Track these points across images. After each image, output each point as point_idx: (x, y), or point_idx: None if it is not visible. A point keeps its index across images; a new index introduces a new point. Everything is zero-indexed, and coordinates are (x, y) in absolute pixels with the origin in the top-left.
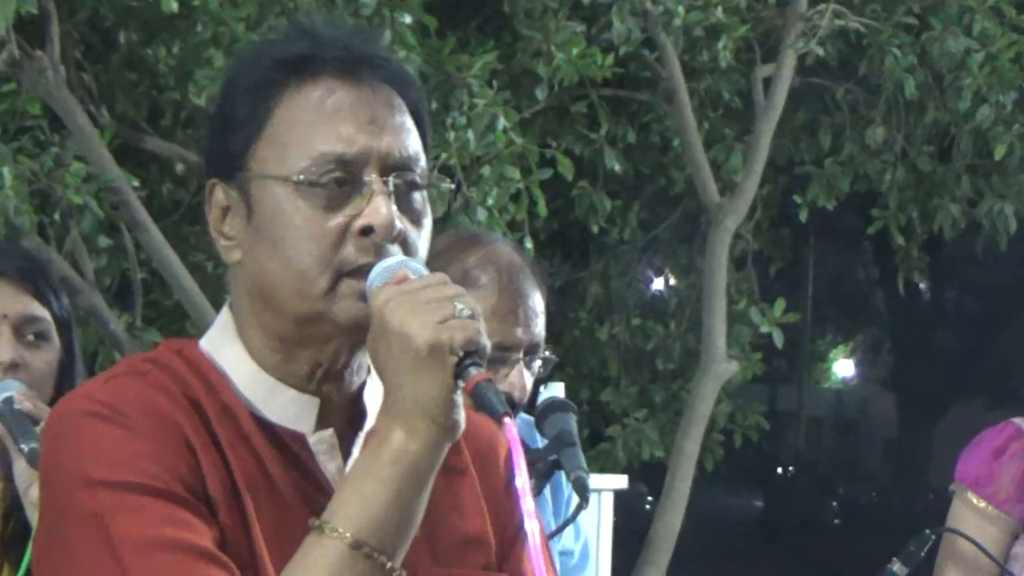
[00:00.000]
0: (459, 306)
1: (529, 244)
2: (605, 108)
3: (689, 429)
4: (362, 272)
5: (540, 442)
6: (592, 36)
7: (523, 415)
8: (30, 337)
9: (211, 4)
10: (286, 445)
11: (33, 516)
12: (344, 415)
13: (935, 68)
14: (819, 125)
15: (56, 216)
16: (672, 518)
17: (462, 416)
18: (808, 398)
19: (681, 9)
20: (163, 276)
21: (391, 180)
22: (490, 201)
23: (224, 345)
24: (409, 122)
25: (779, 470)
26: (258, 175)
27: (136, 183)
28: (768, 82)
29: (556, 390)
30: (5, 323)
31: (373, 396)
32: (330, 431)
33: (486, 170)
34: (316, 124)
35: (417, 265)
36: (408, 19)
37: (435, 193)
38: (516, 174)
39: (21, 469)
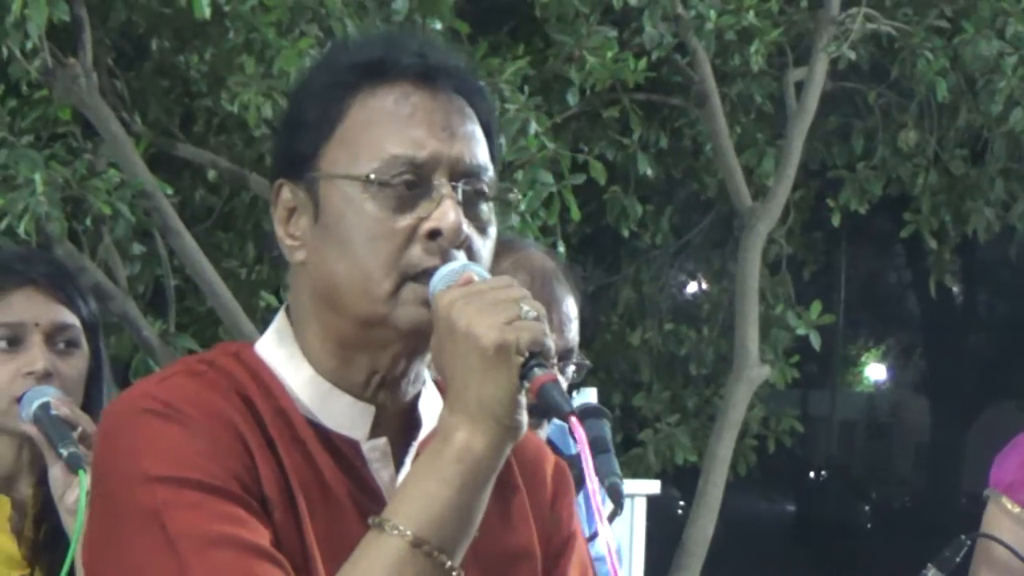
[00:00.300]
0: (525, 307)
1: (561, 248)
2: (637, 113)
3: (722, 434)
4: (427, 275)
5: (574, 448)
6: (624, 41)
7: (557, 421)
8: (61, 345)
9: (242, 10)
10: (340, 451)
11: (68, 522)
12: (398, 424)
13: (967, 71)
14: (851, 129)
15: (89, 223)
16: (705, 523)
17: (525, 418)
18: (840, 402)
19: (713, 13)
20: (196, 283)
21: (460, 186)
22: (522, 206)
23: (280, 349)
24: (480, 133)
25: (811, 474)
26: (328, 175)
27: (169, 190)
28: (800, 86)
29: (589, 395)
30: (37, 332)
31: (428, 407)
32: (384, 440)
33: (518, 175)
34: (389, 127)
35: (481, 270)
36: (440, 25)
37: (499, 205)
38: (549, 179)
39: (57, 474)
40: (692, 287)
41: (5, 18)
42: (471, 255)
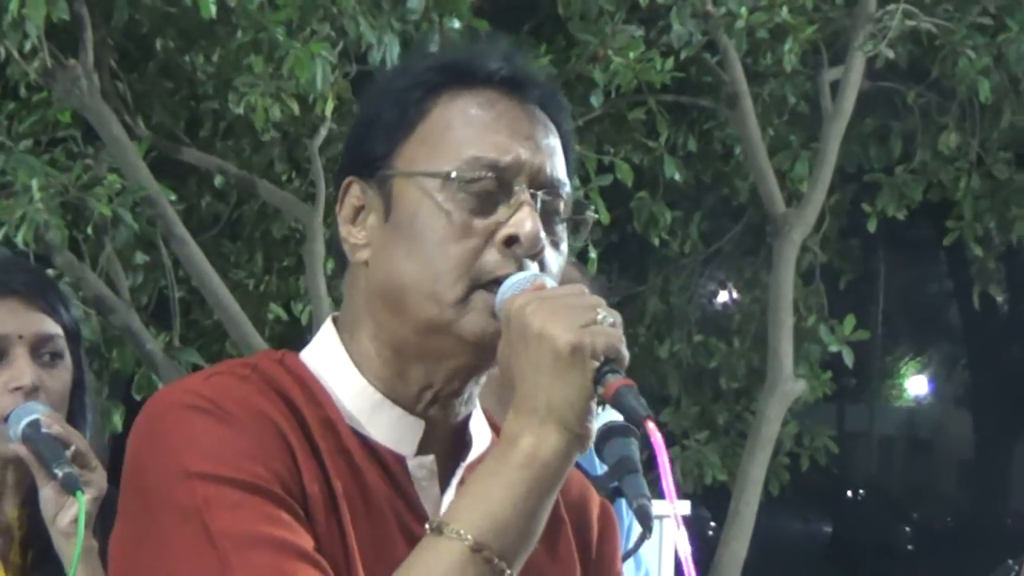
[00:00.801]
0: (602, 313)
1: (593, 254)
2: (664, 115)
3: (755, 452)
4: (498, 284)
5: (600, 468)
6: (650, 40)
7: None
8: (46, 357)
9: (250, 8)
10: (386, 465)
11: (61, 545)
12: (447, 443)
13: (1011, 71)
14: (889, 131)
15: (89, 231)
16: (737, 545)
17: (594, 427)
18: (879, 417)
19: (744, 10)
20: (202, 294)
21: (540, 196)
22: None
23: (329, 357)
24: (560, 145)
25: (849, 493)
26: (405, 172)
27: (173, 196)
28: (836, 86)
29: (613, 412)
30: (22, 344)
31: (478, 429)
32: (431, 457)
33: None
34: (472, 130)
35: (551, 281)
36: (457, 23)
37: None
38: (574, 181)
39: (49, 495)
40: (722, 297)
41: (2, 17)
42: (543, 269)
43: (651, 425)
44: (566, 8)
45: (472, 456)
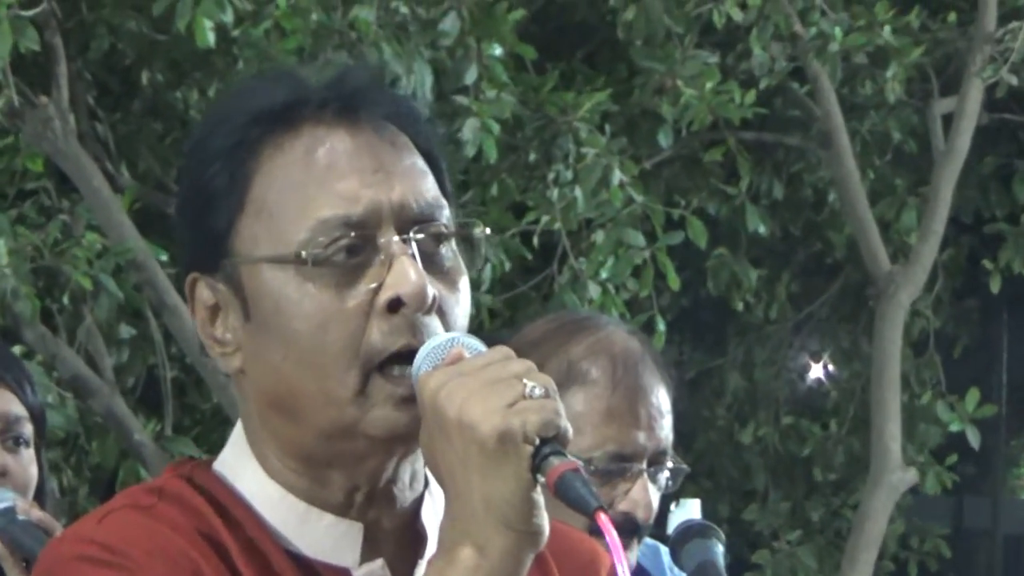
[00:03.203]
0: (529, 384)
1: (662, 327)
2: (746, 156)
3: (856, 555)
4: (397, 362)
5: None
6: (728, 67)
7: (649, 540)
8: (10, 442)
9: (254, 35)
10: None
11: None
12: (398, 540)
13: None
14: (1013, 172)
15: (65, 300)
16: None
17: (545, 519)
18: (1004, 512)
19: (838, 31)
20: (199, 373)
21: (412, 237)
22: (604, 274)
23: (241, 467)
24: (421, 163)
25: None
26: (247, 259)
27: (164, 257)
28: (948, 120)
29: (691, 509)
30: None
31: (434, 514)
32: (380, 562)
33: (599, 235)
34: (308, 185)
35: (472, 340)
36: (499, 50)
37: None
38: (638, 239)
39: None
40: (816, 371)
41: None
42: (444, 319)
43: (604, 519)
44: (627, 31)
45: (430, 550)
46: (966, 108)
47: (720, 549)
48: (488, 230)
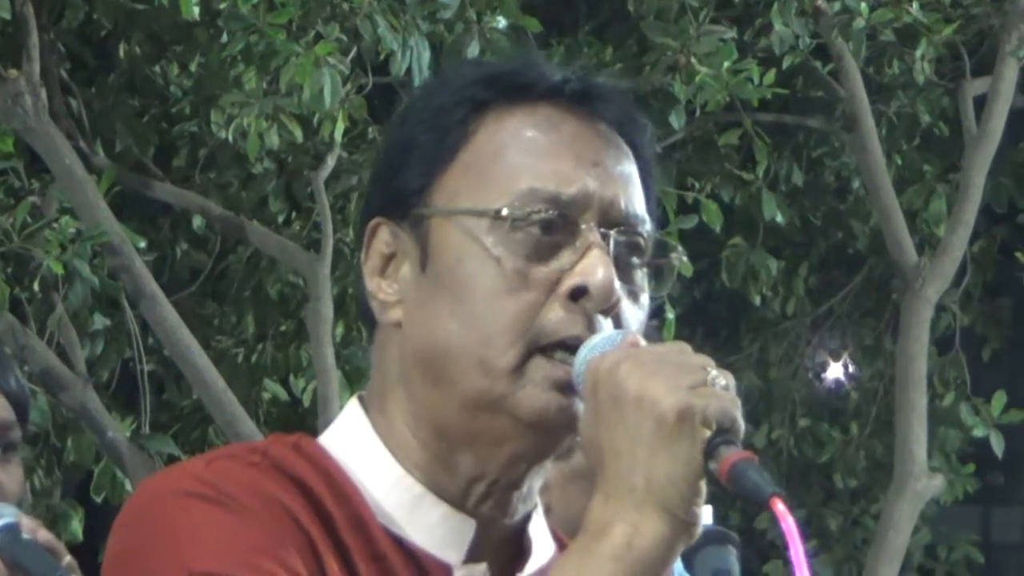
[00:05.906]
0: (713, 373)
1: (671, 315)
2: (764, 139)
3: (877, 568)
4: (561, 349)
5: None
6: (745, 44)
7: None
8: (0, 451)
9: (242, 7)
10: (428, 574)
11: None
12: (500, 549)
13: None
14: None
15: (36, 288)
16: None
17: (702, 513)
18: None
19: (864, 7)
20: (178, 367)
21: (613, 236)
22: None
23: (356, 443)
24: (637, 177)
25: None
26: (443, 210)
27: (142, 243)
28: (981, 102)
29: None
30: None
31: (539, 534)
32: (482, 567)
33: None
34: (527, 156)
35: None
36: (503, 22)
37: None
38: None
39: None
40: (835, 371)
41: None
42: (619, 327)
43: (780, 507)
44: (638, 4)
45: (531, 568)
46: (1000, 89)
47: (735, 557)
48: (684, 257)
